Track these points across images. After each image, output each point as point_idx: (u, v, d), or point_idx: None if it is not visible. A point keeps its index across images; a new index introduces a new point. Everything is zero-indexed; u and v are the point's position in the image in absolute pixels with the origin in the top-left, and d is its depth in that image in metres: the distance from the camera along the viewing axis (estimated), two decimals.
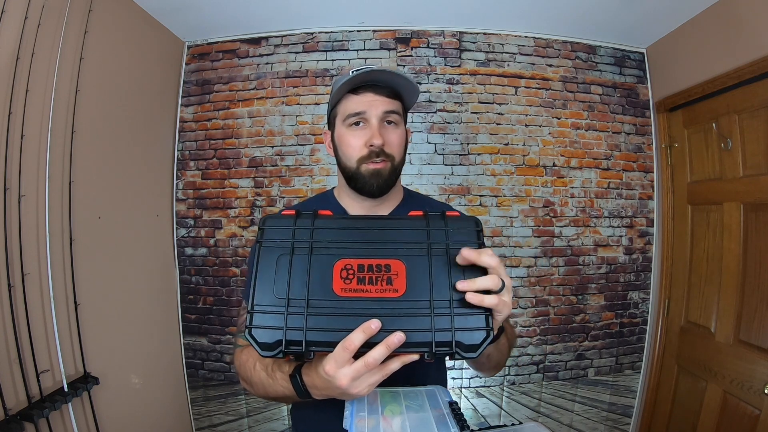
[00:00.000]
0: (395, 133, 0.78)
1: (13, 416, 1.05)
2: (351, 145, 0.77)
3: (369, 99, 0.76)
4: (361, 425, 0.56)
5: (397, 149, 0.78)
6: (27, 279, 1.12)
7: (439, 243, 0.56)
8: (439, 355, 0.51)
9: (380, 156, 0.75)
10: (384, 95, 0.77)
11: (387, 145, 0.76)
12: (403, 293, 0.53)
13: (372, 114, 0.76)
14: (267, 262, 0.56)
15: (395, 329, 0.49)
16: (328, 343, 0.51)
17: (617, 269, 2.02)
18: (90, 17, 1.42)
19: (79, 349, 1.32)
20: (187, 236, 1.98)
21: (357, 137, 0.77)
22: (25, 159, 1.16)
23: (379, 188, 0.77)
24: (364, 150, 0.76)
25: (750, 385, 1.43)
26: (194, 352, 1.97)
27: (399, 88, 0.79)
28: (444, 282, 0.53)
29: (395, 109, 0.78)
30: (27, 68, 1.17)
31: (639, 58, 2.05)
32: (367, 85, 0.76)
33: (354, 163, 0.77)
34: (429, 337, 0.50)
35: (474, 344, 0.51)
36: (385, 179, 0.77)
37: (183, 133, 2.00)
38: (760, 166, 1.46)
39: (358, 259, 0.55)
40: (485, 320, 0.52)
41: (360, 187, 0.78)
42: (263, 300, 0.54)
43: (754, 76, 1.44)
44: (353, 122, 0.77)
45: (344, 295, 0.53)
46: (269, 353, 0.52)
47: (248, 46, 2.00)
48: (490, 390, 1.98)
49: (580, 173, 2.01)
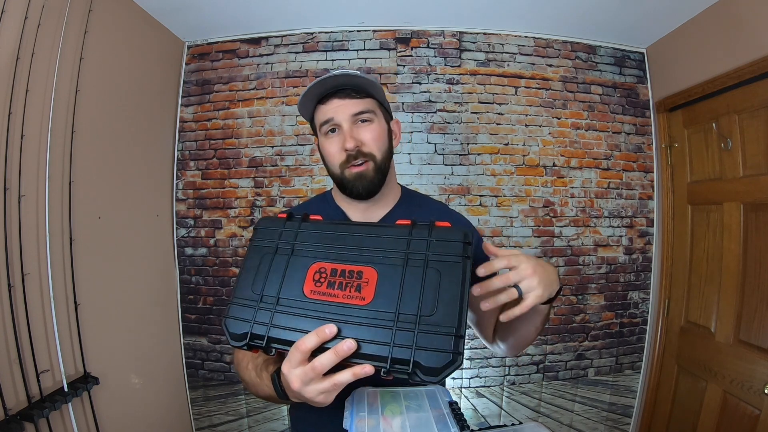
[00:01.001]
0: (369, 130, 0.77)
1: (13, 416, 1.05)
2: (330, 153, 0.78)
3: (335, 105, 0.77)
4: (361, 425, 0.56)
5: (375, 146, 0.77)
6: (27, 279, 1.12)
7: (418, 254, 0.54)
8: (395, 373, 0.47)
9: (358, 158, 0.76)
10: (349, 98, 0.77)
11: (363, 146, 0.76)
12: (369, 302, 0.51)
13: (341, 119, 0.76)
14: (253, 260, 0.59)
15: (352, 337, 0.48)
16: (289, 341, 0.51)
17: (617, 269, 2.02)
18: (90, 17, 1.42)
19: (79, 349, 1.32)
20: (187, 236, 1.98)
21: (333, 144, 0.77)
22: (25, 159, 1.16)
23: (366, 190, 0.77)
24: (343, 155, 0.76)
25: (750, 385, 1.43)
26: (194, 352, 1.97)
27: (361, 87, 0.78)
28: (415, 296, 0.51)
29: (365, 108, 0.78)
30: (27, 68, 1.17)
31: (639, 58, 2.05)
32: (330, 93, 0.77)
33: (337, 169, 0.78)
34: (386, 351, 0.47)
35: (435, 367, 0.46)
36: (370, 180, 0.77)
37: (183, 133, 2.00)
38: (760, 166, 1.46)
39: (333, 264, 0.55)
40: (453, 342, 0.47)
41: (349, 192, 0.78)
42: (242, 294, 0.56)
43: (754, 76, 1.44)
44: (328, 130, 0.78)
45: (312, 297, 0.53)
46: (237, 344, 0.54)
47: (248, 46, 2.00)
48: (490, 390, 1.98)
49: (580, 173, 2.01)
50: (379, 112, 0.81)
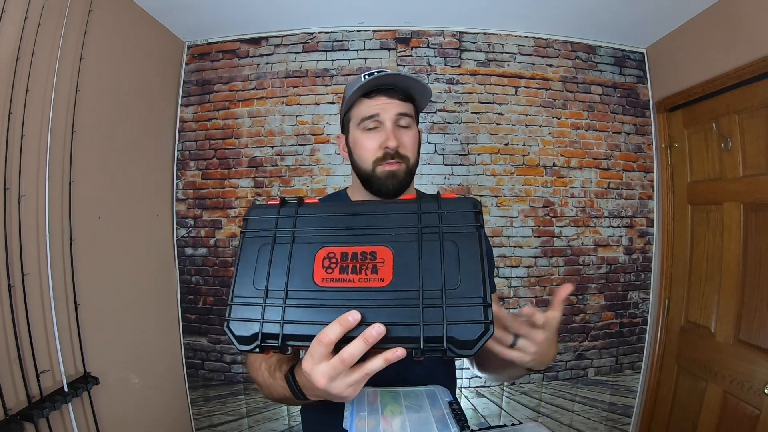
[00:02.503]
0: (408, 134, 0.79)
1: (13, 416, 1.05)
2: (366, 148, 0.78)
3: (382, 102, 0.77)
4: (361, 425, 0.55)
5: (411, 150, 0.80)
6: (27, 279, 1.12)
7: (431, 227, 0.51)
8: (428, 352, 0.45)
9: (395, 158, 0.77)
10: (396, 98, 0.78)
11: (401, 147, 0.77)
12: (389, 282, 0.48)
13: (386, 117, 0.77)
14: (248, 253, 0.54)
15: (378, 322, 0.45)
16: (307, 336, 0.47)
17: (617, 269, 2.02)
18: (90, 17, 1.41)
19: (79, 349, 1.32)
20: (187, 236, 1.98)
21: (372, 140, 0.78)
22: (25, 159, 1.16)
23: (395, 189, 0.78)
24: (379, 152, 0.77)
25: (750, 385, 1.43)
26: (194, 352, 1.96)
27: (411, 91, 0.80)
28: (436, 270, 0.48)
29: (408, 112, 0.80)
30: (27, 68, 1.17)
31: (639, 58, 2.05)
32: (380, 89, 0.78)
33: (369, 165, 0.78)
34: (417, 331, 0.45)
35: (469, 340, 0.44)
36: (401, 180, 0.78)
37: (183, 133, 2.00)
38: (760, 166, 1.46)
39: (342, 247, 0.51)
40: (483, 312, 0.45)
41: (376, 189, 0.79)
42: (243, 292, 0.51)
43: (754, 76, 1.44)
44: (368, 126, 0.78)
45: (325, 285, 0.49)
46: (246, 347, 0.49)
47: (248, 46, 2.00)
48: (490, 390, 1.98)
49: (580, 173, 2.01)
50: (414, 119, 0.83)
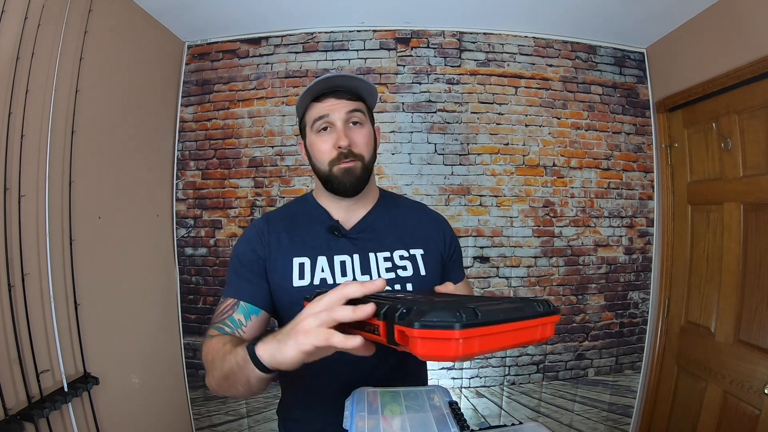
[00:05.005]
0: (361, 133, 0.82)
1: (13, 416, 1.05)
2: (321, 150, 0.81)
3: (331, 104, 0.80)
4: (361, 425, 0.55)
5: (365, 148, 0.82)
6: (27, 279, 1.12)
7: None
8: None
9: (349, 157, 0.79)
10: (345, 98, 0.81)
11: (354, 146, 0.80)
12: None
13: (336, 117, 0.80)
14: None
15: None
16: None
17: (617, 269, 2.01)
18: (90, 17, 1.41)
19: (79, 349, 1.32)
20: (187, 236, 1.98)
21: (325, 141, 0.81)
22: (25, 159, 1.16)
23: (352, 186, 0.80)
24: (334, 152, 0.80)
25: (750, 385, 1.43)
26: (194, 352, 1.96)
27: (359, 91, 0.83)
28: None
29: (358, 109, 0.82)
30: (27, 68, 1.17)
31: (639, 58, 2.05)
32: (328, 91, 0.81)
33: (326, 166, 0.81)
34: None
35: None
36: (358, 177, 0.80)
37: (183, 133, 2.00)
38: (760, 166, 1.46)
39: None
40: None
41: (335, 188, 0.81)
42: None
43: (754, 76, 1.44)
44: (320, 127, 0.81)
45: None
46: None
47: (248, 46, 2.00)
48: (490, 390, 1.98)
49: (580, 173, 2.01)
50: (367, 117, 0.85)
